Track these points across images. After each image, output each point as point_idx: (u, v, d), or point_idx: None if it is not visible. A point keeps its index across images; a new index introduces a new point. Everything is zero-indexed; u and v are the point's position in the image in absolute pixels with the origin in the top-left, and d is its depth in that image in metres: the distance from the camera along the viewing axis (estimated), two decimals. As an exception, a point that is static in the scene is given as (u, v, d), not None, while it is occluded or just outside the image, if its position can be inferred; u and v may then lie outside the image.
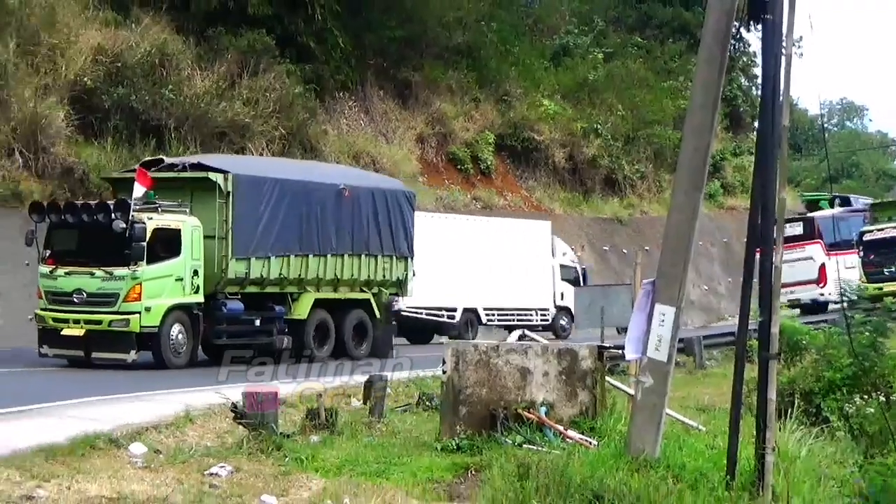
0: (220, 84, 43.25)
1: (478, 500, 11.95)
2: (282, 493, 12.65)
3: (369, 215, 32.43)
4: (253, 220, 29.20)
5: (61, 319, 27.35)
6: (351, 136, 49.50)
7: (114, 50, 41.10)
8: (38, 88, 38.50)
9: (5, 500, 11.84)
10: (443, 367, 16.31)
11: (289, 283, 30.56)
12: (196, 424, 17.41)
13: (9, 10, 38.69)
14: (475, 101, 55.17)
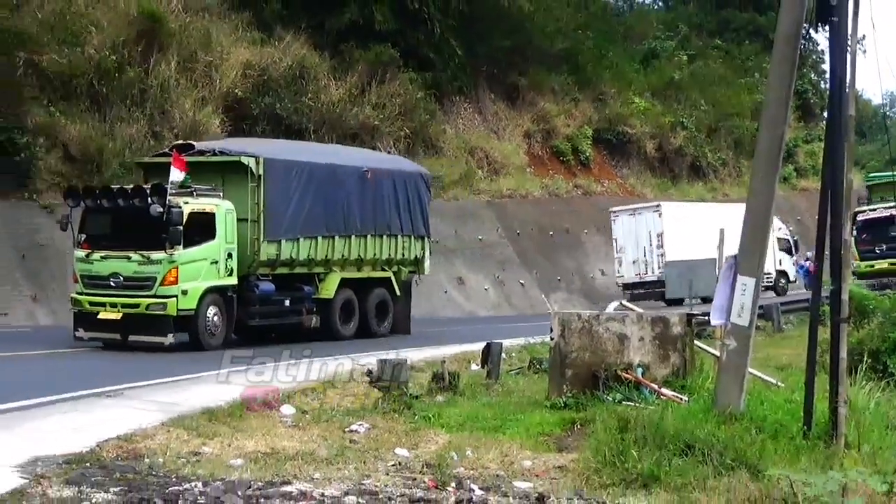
0: (352, 91, 43.43)
1: (583, 451, 11.86)
2: (412, 447, 12.66)
3: (390, 196, 30.17)
4: (283, 202, 27.07)
5: (98, 303, 24.74)
6: (466, 134, 49.49)
7: (260, 65, 41.39)
8: (197, 100, 38.95)
9: (175, 455, 11.99)
10: (551, 334, 16.24)
11: (316, 263, 28.28)
12: (336, 388, 17.48)
13: (170, 32, 39.11)
14: (574, 100, 54.92)
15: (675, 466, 10.85)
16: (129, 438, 12.75)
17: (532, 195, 49.92)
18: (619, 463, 11.04)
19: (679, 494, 10.20)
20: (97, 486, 10.33)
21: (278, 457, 11.99)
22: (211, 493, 10.19)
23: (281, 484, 10.64)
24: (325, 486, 10.57)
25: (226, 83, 40.21)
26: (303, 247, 27.41)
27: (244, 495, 10.13)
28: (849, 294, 12.84)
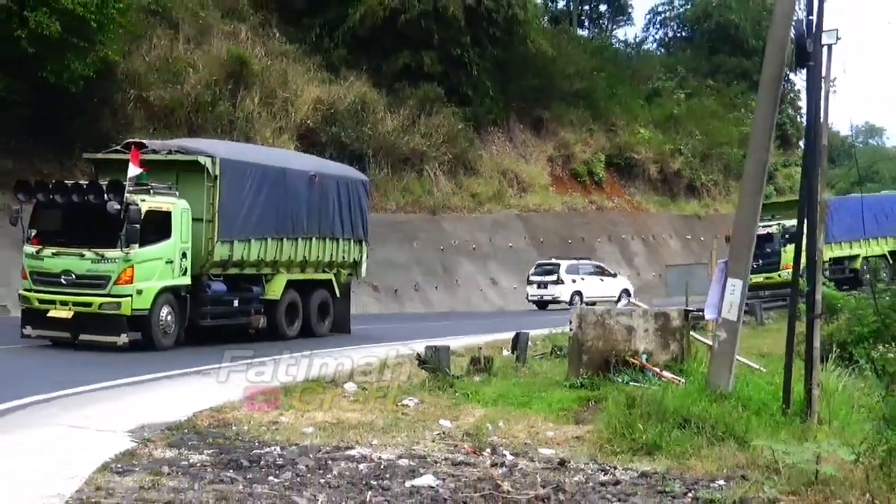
0: (404, 123, 43.52)
1: (597, 424, 11.85)
2: (454, 419, 12.66)
3: (335, 201, 26.01)
4: (237, 203, 22.80)
5: (48, 301, 20.57)
6: (499, 158, 49.49)
7: (328, 100, 41.48)
8: (275, 129, 39.14)
9: (258, 424, 12.04)
10: (570, 326, 16.24)
11: (265, 265, 24.05)
12: (390, 369, 17.52)
13: (254, 73, 39.31)
14: (590, 130, 54.85)
15: (675, 437, 10.84)
16: (219, 409, 12.88)
17: (554, 209, 49.88)
18: (627, 434, 11.04)
19: (678, 461, 10.21)
20: (193, 449, 10.45)
21: (343, 426, 12.03)
22: (287, 455, 10.25)
23: (345, 449, 10.69)
24: (382, 451, 10.61)
25: (299, 115, 40.38)
26: (254, 248, 23.44)
27: (315, 458, 10.18)
28: (821, 295, 12.85)
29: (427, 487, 8.96)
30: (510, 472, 9.69)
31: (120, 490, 8.50)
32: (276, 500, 8.36)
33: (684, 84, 63.25)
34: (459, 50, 45.53)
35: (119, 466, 9.41)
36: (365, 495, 8.63)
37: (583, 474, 9.74)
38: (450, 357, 16.48)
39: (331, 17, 44.79)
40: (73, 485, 8.59)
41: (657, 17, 73.54)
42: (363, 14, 43.87)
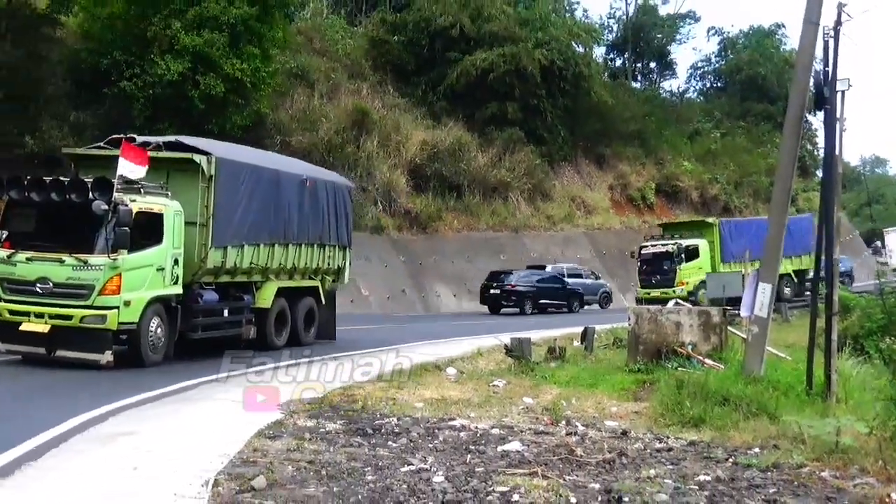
0: (493, 159, 43.51)
1: (652, 402, 11.74)
2: (535, 397, 12.61)
3: (324, 206, 20.60)
4: (232, 206, 17.49)
5: (20, 312, 14.93)
6: (569, 186, 49.21)
7: (432, 142, 41.60)
8: (390, 165, 39.39)
9: (378, 400, 12.12)
10: (628, 322, 16.06)
11: (256, 272, 18.60)
12: (483, 357, 17.52)
13: (374, 121, 39.60)
14: (642, 164, 54.30)
15: (717, 413, 10.71)
16: (349, 388, 13.02)
17: (613, 228, 49.41)
18: (677, 410, 10.94)
19: (720, 432, 10.09)
20: (329, 419, 10.57)
21: (446, 402, 12.08)
22: (402, 425, 10.30)
23: (448, 420, 10.72)
24: (478, 422, 10.63)
25: (409, 154, 40.58)
26: (246, 254, 17.94)
27: (424, 427, 10.23)
28: (838, 296, 12.67)
29: (515, 451, 8.97)
30: (582, 440, 9.65)
31: (271, 451, 8.66)
32: (394, 460, 8.42)
33: (720, 125, 62.28)
34: (536, 100, 45.48)
35: (271, 433, 9.58)
36: (465, 457, 8.66)
37: (641, 442, 9.67)
38: (531, 347, 16.45)
39: (434, 76, 45.06)
40: (235, 446, 8.79)
41: (697, 72, 72.62)
42: (459, 73, 44.07)
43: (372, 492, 7.26)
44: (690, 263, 34.44)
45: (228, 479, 7.52)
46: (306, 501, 6.94)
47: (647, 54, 68.69)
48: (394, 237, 38.19)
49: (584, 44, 52.57)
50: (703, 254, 34.65)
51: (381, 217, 38.18)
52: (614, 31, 67.82)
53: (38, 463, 7.95)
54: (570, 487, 7.55)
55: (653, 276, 35.11)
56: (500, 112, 44.39)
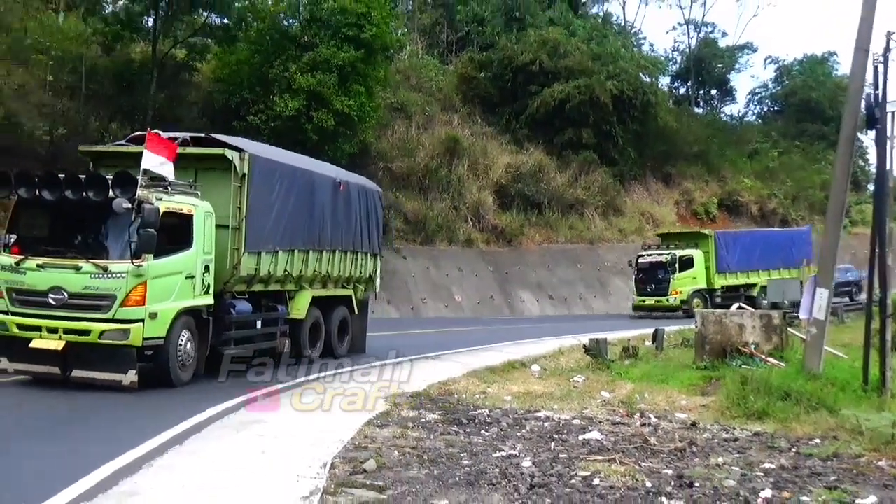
0: (570, 179, 43.10)
1: (719, 396, 11.45)
2: (611, 391, 12.43)
3: (356, 211, 17.22)
4: (266, 208, 14.25)
5: (30, 327, 11.66)
6: (638, 202, 48.40)
7: (515, 165, 41.40)
8: (479, 186, 39.37)
9: (471, 393, 12.13)
10: (696, 324, 15.72)
11: (291, 280, 15.23)
12: (564, 355, 17.36)
13: (464, 147, 39.57)
14: (706, 181, 53.06)
15: (779, 406, 10.40)
16: (445, 383, 13.02)
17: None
18: (741, 404, 10.66)
19: (782, 424, 9.80)
20: (428, 410, 10.62)
21: (531, 396, 12.02)
22: (493, 416, 10.29)
23: (534, 412, 10.67)
24: (560, 414, 10.54)
25: (495, 176, 40.48)
26: (280, 261, 14.57)
27: (513, 418, 10.19)
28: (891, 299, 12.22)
29: (594, 440, 8.87)
30: (655, 431, 9.49)
31: (380, 438, 8.74)
32: (487, 447, 8.41)
33: (777, 145, 60.46)
34: (608, 126, 44.95)
35: (379, 422, 9.68)
36: (550, 445, 8.61)
37: (709, 433, 9.46)
38: (607, 346, 16.24)
39: (517, 107, 44.98)
40: (348, 433, 8.91)
41: (755, 97, 70.61)
42: (539, 104, 43.88)
43: (468, 474, 7.27)
44: (684, 273, 32.50)
45: (343, 462, 7.63)
46: (410, 482, 6.99)
47: (709, 82, 67.25)
48: (483, 249, 38.22)
49: (651, 74, 51.89)
50: (697, 264, 32.69)
51: (471, 232, 38.22)
52: (678, 63, 66.68)
53: (183, 447, 8.20)
54: (645, 473, 7.44)
55: (648, 285, 32.99)
56: (575, 137, 44.04)
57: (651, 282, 32.71)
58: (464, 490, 6.78)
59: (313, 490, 6.65)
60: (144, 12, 31.91)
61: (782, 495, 6.86)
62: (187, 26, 32.47)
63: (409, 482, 6.97)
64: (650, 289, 32.75)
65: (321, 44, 30.44)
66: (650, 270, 32.79)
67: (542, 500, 6.56)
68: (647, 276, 32.90)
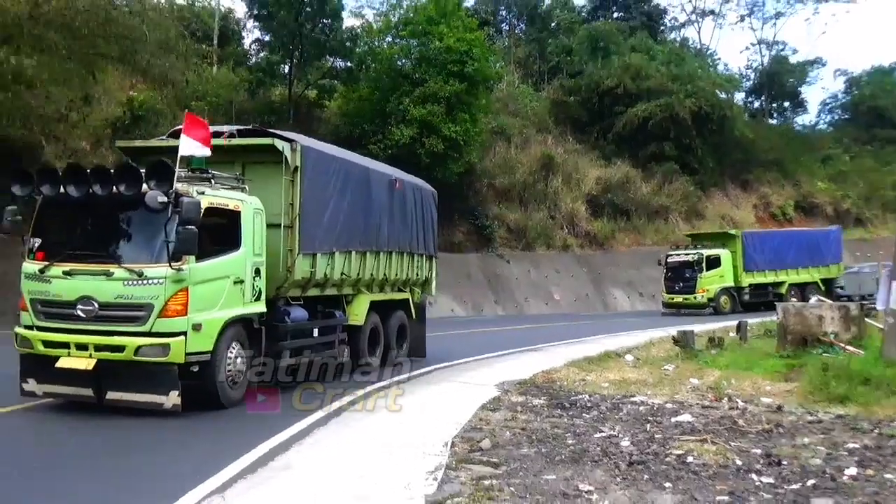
0: (654, 188, 42.05)
1: (801, 382, 10.94)
2: (700, 378, 12.04)
3: (412, 211, 14.53)
4: (321, 206, 11.53)
5: (57, 343, 8.72)
6: (718, 207, 46.67)
7: (605, 177, 40.73)
8: (573, 197, 38.91)
9: (572, 380, 11.98)
10: (776, 316, 15.07)
11: (348, 283, 12.49)
12: (654, 346, 16.96)
13: (558, 164, 39.18)
14: (781, 185, 50.75)
15: (860, 391, 9.88)
16: (548, 372, 12.89)
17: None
18: (823, 389, 10.16)
19: (864, 407, 9.30)
20: (534, 396, 10.55)
21: (626, 382, 11.78)
22: (593, 400, 10.14)
23: (629, 397, 10.46)
24: (654, 398, 10.30)
25: (586, 188, 39.90)
26: (337, 263, 11.87)
27: (610, 402, 10.02)
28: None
29: (686, 422, 8.63)
30: (742, 413, 9.15)
31: (493, 421, 8.75)
32: (588, 428, 8.30)
33: (848, 150, 57.35)
34: (688, 140, 43.70)
35: (491, 406, 9.68)
36: (645, 427, 8.42)
37: (794, 415, 9.06)
38: (694, 337, 15.77)
39: (604, 126, 44.27)
40: (465, 416, 8.93)
41: (826, 107, 67.27)
42: (624, 122, 43.08)
43: (573, 452, 7.20)
44: (711, 272, 30.08)
45: (462, 441, 7.67)
46: (522, 459, 6.97)
47: (781, 95, 64.39)
48: (577, 253, 37.76)
49: (726, 91, 50.27)
50: (724, 263, 30.29)
51: (566, 238, 37.86)
52: (752, 79, 64.09)
53: (325, 428, 8.40)
54: (735, 452, 7.19)
55: (676, 283, 30.52)
56: (658, 150, 43.05)
57: (679, 280, 30.51)
58: (569, 466, 6.72)
59: (437, 465, 6.72)
60: (282, 61, 33.20)
61: (867, 472, 6.52)
62: (317, 71, 33.54)
63: (520, 459, 6.96)
64: (678, 287, 30.50)
65: (430, 79, 30.76)
66: (678, 269, 30.56)
67: (641, 475, 6.43)
68: (675, 275, 30.62)
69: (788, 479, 6.33)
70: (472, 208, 35.18)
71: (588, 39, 49.46)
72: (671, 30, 60.79)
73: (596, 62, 47.31)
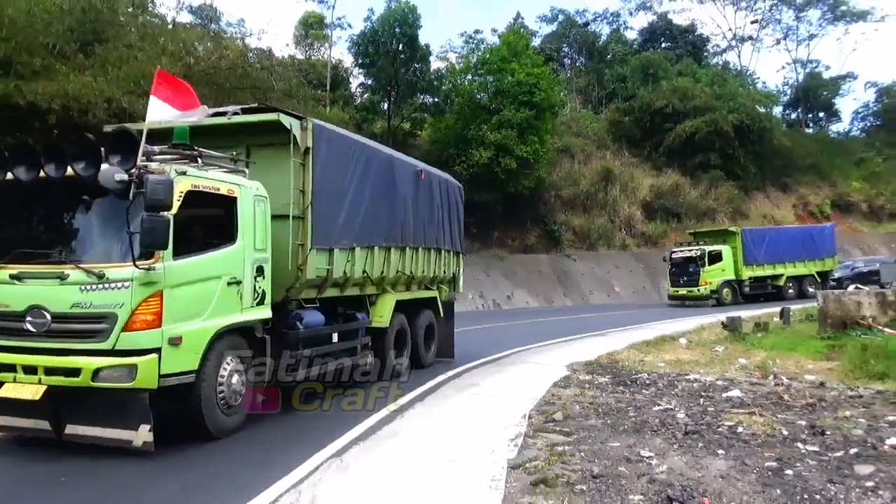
0: (702, 193, 40.49)
1: (842, 361, 10.28)
2: (747, 358, 11.49)
3: (439, 204, 11.18)
4: (338, 194, 7.80)
5: (2, 366, 5.27)
6: (761, 208, 44.46)
7: (657, 185, 39.53)
8: (630, 203, 37.96)
9: (632, 361, 11.63)
10: (817, 302, 14.22)
11: (371, 282, 8.95)
12: (705, 331, 16.30)
13: (615, 175, 38.35)
14: (818, 186, 47.94)
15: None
16: (611, 354, 12.59)
17: (798, 235, 44.23)
18: (863, 367, 9.53)
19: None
20: (599, 374, 10.30)
21: (680, 362, 11.37)
22: (651, 378, 9.81)
23: (684, 375, 10.07)
24: (706, 376, 9.88)
25: (641, 195, 38.84)
26: (358, 260, 8.50)
27: (667, 380, 9.67)
28: None
29: (736, 397, 8.23)
30: (787, 389, 8.66)
31: (564, 396, 8.58)
32: (647, 403, 8.04)
33: (880, 153, 53.58)
34: (731, 150, 41.87)
35: (562, 384, 9.49)
36: (699, 401, 8.08)
37: (836, 391, 8.50)
38: (741, 322, 15.08)
39: (655, 141, 42.93)
40: (540, 392, 8.80)
41: (858, 115, 63.14)
42: (673, 137, 41.67)
43: (634, 423, 6.98)
44: (714, 266, 27.42)
45: (538, 413, 7.56)
46: (590, 429, 6.80)
47: (816, 107, 60.87)
48: (634, 252, 36.78)
49: (765, 105, 47.84)
50: (725, 257, 27.61)
51: (624, 238, 37.02)
52: (788, 94, 60.90)
53: (426, 401, 8.45)
54: (781, 423, 6.81)
55: (681, 277, 27.97)
56: (704, 160, 41.46)
57: (683, 274, 27.99)
58: (632, 435, 6.52)
59: (517, 434, 6.64)
60: (382, 100, 33.89)
61: (907, 442, 6.04)
62: (410, 106, 34.05)
63: (588, 429, 6.80)
64: (682, 280, 28.02)
65: (504, 108, 30.64)
66: (682, 264, 28.05)
67: (696, 443, 6.17)
68: (680, 270, 28.08)
69: (832, 448, 5.94)
70: (543, 216, 34.86)
71: (640, 68, 48.26)
72: (714, 55, 58.48)
73: (647, 87, 46.03)
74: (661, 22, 55.99)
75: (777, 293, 28.26)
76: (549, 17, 55.35)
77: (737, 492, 4.89)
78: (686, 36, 54.90)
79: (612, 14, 72.55)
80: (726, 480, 5.12)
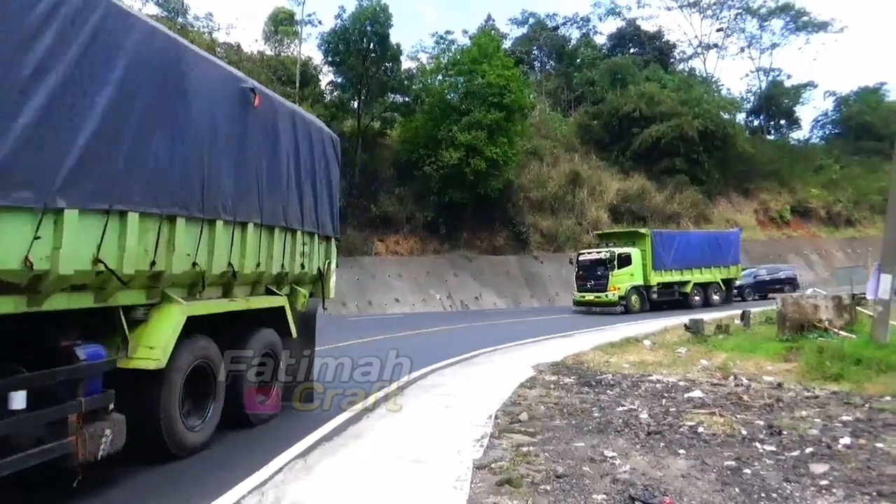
0: (667, 197, 41.16)
1: (799, 363, 10.55)
2: (709, 359, 11.71)
3: (292, 157, 5.97)
4: (20, 93, 3.38)
5: None
6: (723, 212, 45.42)
7: (623, 189, 40.07)
8: (596, 207, 38.33)
9: (597, 362, 11.76)
10: (776, 305, 14.57)
11: (120, 283, 4.07)
12: (668, 332, 16.55)
13: (584, 178, 38.74)
14: (778, 192, 49.13)
15: (852, 370, 9.46)
16: (577, 355, 12.70)
17: (759, 239, 45.03)
18: (819, 368, 9.77)
19: (856, 385, 8.89)
20: (564, 375, 10.37)
21: (644, 363, 11.53)
22: (615, 379, 9.93)
23: (647, 376, 10.22)
24: (668, 377, 10.04)
25: (608, 199, 39.31)
26: (80, 234, 3.59)
27: (631, 381, 9.80)
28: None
29: (697, 397, 8.38)
30: (746, 390, 8.85)
31: (529, 397, 8.63)
32: (612, 403, 8.13)
33: (838, 160, 55.15)
34: (696, 155, 42.71)
35: (527, 384, 9.54)
36: (661, 401, 8.21)
37: (793, 392, 8.72)
38: (703, 324, 15.37)
39: (623, 145, 43.55)
40: (506, 393, 8.83)
41: (818, 123, 64.94)
42: (640, 141, 42.35)
43: (599, 424, 7.06)
44: (623, 270, 25.15)
45: (504, 414, 7.59)
46: (555, 429, 6.86)
47: (778, 115, 62.38)
48: (601, 254, 37.30)
49: (729, 112, 48.88)
50: (635, 261, 25.38)
51: (591, 241, 37.43)
52: (751, 101, 62.28)
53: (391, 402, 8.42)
54: (740, 423, 6.96)
55: (588, 281, 25.64)
56: (670, 165, 42.24)
57: (590, 278, 25.65)
58: (596, 436, 6.59)
59: (483, 435, 6.66)
60: (351, 98, 33.66)
61: (859, 442, 6.23)
62: (380, 105, 33.88)
63: (553, 429, 6.86)
64: (589, 285, 25.63)
65: (474, 110, 30.75)
66: (590, 268, 25.76)
67: (658, 443, 6.27)
68: (587, 273, 25.74)
69: (788, 447, 6.09)
70: (511, 217, 35.04)
71: (608, 72, 48.96)
72: (680, 61, 59.58)
73: (615, 91, 46.74)
74: (629, 28, 56.84)
75: (684, 301, 26.37)
76: (520, 20, 55.91)
77: (697, 490, 4.99)
78: (653, 42, 55.86)
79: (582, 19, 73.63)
80: (687, 479, 5.22)
